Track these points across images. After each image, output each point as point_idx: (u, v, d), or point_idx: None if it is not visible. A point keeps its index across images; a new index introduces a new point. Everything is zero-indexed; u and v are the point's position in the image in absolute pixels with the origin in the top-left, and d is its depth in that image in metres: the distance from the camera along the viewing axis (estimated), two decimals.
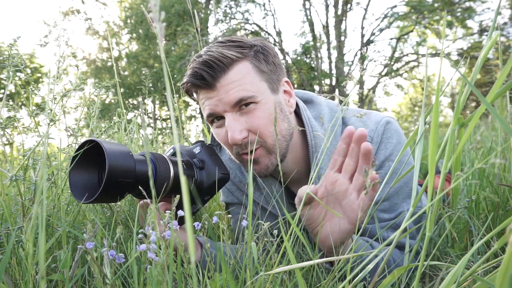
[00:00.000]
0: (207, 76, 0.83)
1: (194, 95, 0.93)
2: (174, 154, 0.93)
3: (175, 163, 0.82)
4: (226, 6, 14.50)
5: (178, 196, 0.60)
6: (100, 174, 0.76)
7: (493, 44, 0.47)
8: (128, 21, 15.44)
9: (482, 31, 12.90)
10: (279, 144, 0.88)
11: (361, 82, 13.56)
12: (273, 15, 14.85)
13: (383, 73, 14.67)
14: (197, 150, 0.95)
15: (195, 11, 1.22)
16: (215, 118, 0.90)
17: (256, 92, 0.85)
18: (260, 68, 0.87)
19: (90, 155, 0.72)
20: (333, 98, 0.91)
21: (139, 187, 0.69)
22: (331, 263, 0.78)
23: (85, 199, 0.68)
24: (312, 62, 15.06)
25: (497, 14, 0.50)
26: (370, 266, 0.53)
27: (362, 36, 14.55)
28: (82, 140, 0.78)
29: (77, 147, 0.74)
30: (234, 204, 1.12)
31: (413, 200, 0.52)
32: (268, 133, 0.86)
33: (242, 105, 0.84)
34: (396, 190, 0.90)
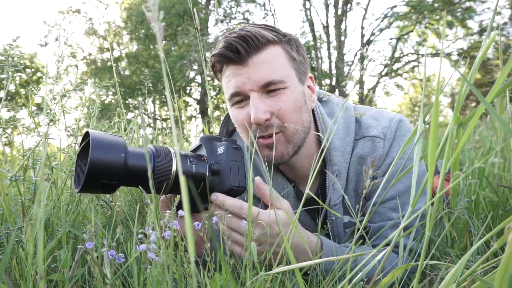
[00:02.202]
0: (242, 50, 0.81)
1: (217, 69, 0.90)
2: (196, 148, 0.85)
3: (185, 158, 0.75)
4: (226, 6, 14.50)
5: (178, 196, 0.60)
6: None
7: (491, 43, 0.47)
8: (129, 22, 15.43)
9: (482, 31, 12.88)
10: (298, 134, 0.88)
11: (361, 82, 13.55)
12: (273, 15, 14.86)
13: (383, 73, 14.67)
14: (220, 150, 0.82)
15: (195, 10, 1.23)
16: (239, 99, 0.87)
17: (285, 77, 0.84)
18: (291, 55, 0.88)
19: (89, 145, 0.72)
20: None
21: (139, 184, 0.68)
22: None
23: (76, 189, 0.68)
24: (312, 62, 15.04)
25: (495, 14, 0.50)
26: (370, 266, 0.53)
27: (362, 36, 14.55)
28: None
29: (80, 140, 0.74)
30: None
31: (412, 200, 0.52)
32: (291, 119, 0.85)
33: (270, 90, 0.84)
34: (406, 189, 0.89)
